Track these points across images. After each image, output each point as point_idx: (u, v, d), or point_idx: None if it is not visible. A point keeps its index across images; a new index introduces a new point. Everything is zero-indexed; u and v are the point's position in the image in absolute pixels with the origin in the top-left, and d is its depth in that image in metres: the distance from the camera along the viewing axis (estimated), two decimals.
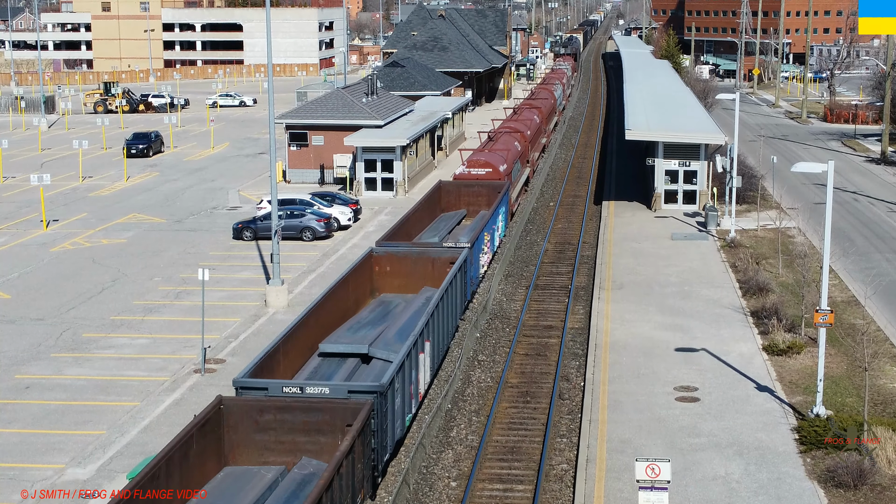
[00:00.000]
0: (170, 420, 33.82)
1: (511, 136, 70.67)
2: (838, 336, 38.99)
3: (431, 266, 42.60)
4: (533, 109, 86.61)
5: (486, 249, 48.56)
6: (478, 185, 57.73)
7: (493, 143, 66.93)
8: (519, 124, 75.81)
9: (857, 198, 69.32)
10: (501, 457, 31.98)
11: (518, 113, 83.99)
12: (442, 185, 58.40)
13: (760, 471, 29.44)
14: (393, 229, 47.91)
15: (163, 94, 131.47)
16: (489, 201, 55.99)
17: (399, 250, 43.57)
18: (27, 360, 39.94)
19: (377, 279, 43.11)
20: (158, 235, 60.34)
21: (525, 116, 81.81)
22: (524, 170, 69.87)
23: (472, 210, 57.13)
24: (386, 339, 35.71)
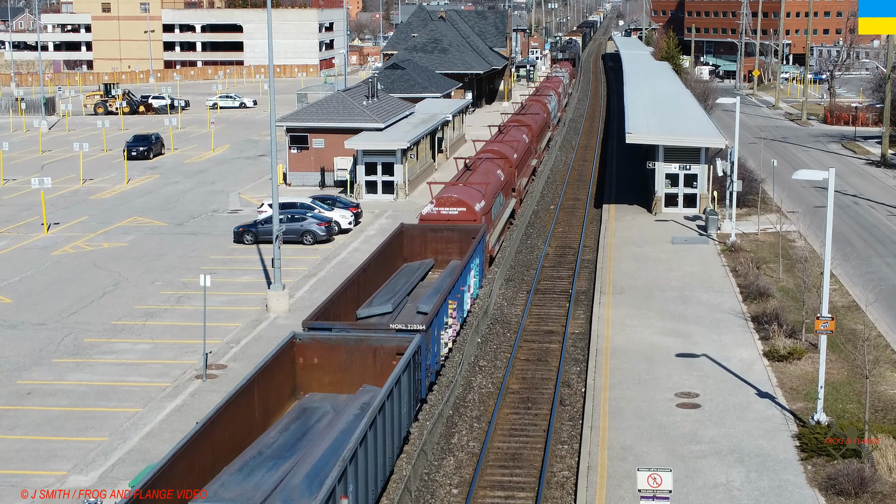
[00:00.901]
0: (171, 426, 33.87)
1: (493, 162, 60.36)
2: (839, 342, 39.03)
3: (373, 357, 32.82)
4: (522, 128, 75.36)
5: (450, 321, 39.04)
6: (447, 229, 48.68)
7: (471, 174, 56.54)
8: (504, 147, 65.47)
9: (857, 201, 69.38)
10: (503, 463, 32.03)
11: (504, 132, 72.53)
12: (405, 229, 48.78)
13: (761, 478, 29.49)
14: (336, 294, 37.58)
15: (163, 96, 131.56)
16: (462, 248, 47.54)
17: (330, 337, 33.14)
18: (29, 365, 39.99)
19: (302, 375, 33.02)
20: (159, 239, 60.39)
21: (512, 136, 70.49)
22: (508, 201, 60.77)
23: (441, 259, 48.31)
24: (288, 492, 26.05)
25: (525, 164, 70.22)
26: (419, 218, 50.67)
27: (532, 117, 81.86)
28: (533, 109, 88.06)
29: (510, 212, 60.85)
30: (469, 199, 50.91)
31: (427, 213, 50.62)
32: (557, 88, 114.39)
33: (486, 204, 51.79)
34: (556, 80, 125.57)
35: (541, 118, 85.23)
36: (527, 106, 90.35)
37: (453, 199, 50.66)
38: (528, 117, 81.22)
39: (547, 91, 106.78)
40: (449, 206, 50.52)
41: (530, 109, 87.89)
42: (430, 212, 50.53)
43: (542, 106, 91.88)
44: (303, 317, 44.52)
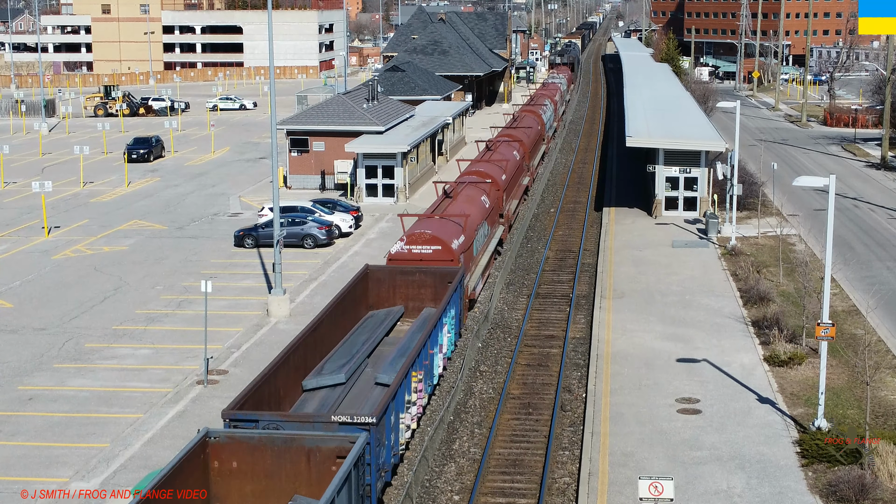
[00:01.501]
0: (173, 433, 33.91)
1: (477, 187, 53.75)
2: (839, 348, 39.09)
3: (307, 461, 26.19)
4: (512, 144, 68.32)
5: (415, 397, 32.87)
6: (420, 271, 42.25)
7: (450, 203, 49.94)
8: (491, 167, 58.91)
9: (857, 204, 69.44)
10: (504, 470, 32.07)
11: (492, 149, 65.31)
12: (370, 271, 42.34)
13: (762, 485, 29.53)
14: (276, 364, 31.43)
15: (163, 98, 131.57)
16: (436, 293, 41.48)
17: (253, 436, 26.48)
18: (30, 370, 40.03)
19: (217, 483, 26.30)
20: (160, 243, 60.43)
21: (501, 154, 63.54)
22: (494, 230, 54.81)
23: (412, 307, 42.00)
24: None
25: (515, 184, 63.91)
26: (387, 257, 43.91)
27: (524, 132, 74.24)
28: (526, 122, 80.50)
29: (497, 241, 54.55)
30: (445, 236, 44.23)
31: (396, 252, 43.79)
32: (554, 96, 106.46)
33: (465, 240, 45.53)
34: (553, 86, 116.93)
35: (534, 131, 77.88)
36: (519, 118, 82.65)
37: (427, 237, 43.84)
38: (520, 132, 73.73)
39: (542, 100, 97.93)
40: (422, 244, 43.82)
41: (523, 122, 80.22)
42: (400, 251, 43.79)
43: (536, 117, 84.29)
44: (304, 322, 44.71)
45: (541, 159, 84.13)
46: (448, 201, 50.19)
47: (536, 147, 79.43)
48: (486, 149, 66.19)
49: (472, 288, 45.77)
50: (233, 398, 30.02)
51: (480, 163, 60.78)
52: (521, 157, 67.60)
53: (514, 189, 63.00)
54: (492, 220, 53.71)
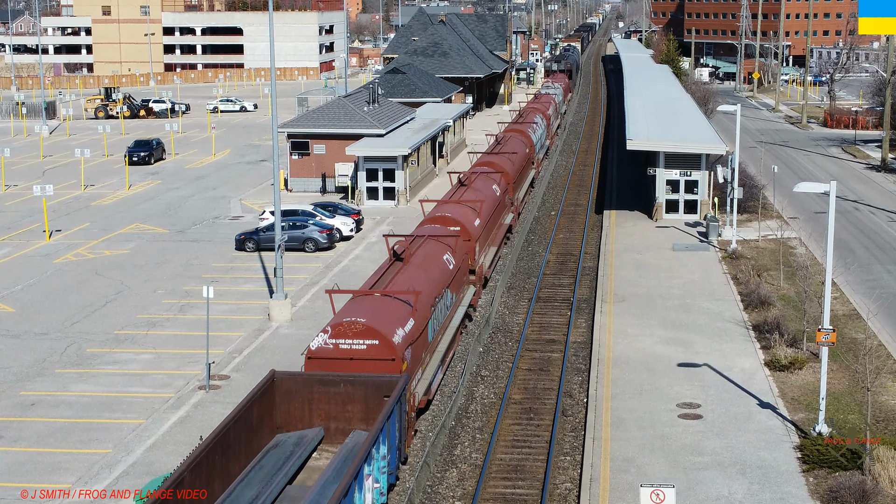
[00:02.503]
0: (175, 438, 33.98)
1: (439, 242, 42.17)
2: (840, 352, 39.16)
3: None
4: (492, 176, 57.43)
5: None
6: (346, 381, 31.08)
7: (401, 267, 37.93)
8: (461, 210, 47.92)
9: (857, 206, 69.50)
10: (506, 475, 32.13)
11: (467, 184, 54.10)
12: (278, 380, 31.23)
13: (763, 491, 29.60)
14: None
15: (163, 100, 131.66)
16: (368, 411, 30.92)
17: None
18: (32, 375, 40.11)
19: None
20: (161, 246, 60.50)
21: (477, 191, 52.93)
22: (462, 295, 43.18)
23: (336, 428, 31.25)
24: None
25: (494, 226, 53.36)
26: (306, 355, 32.17)
27: (507, 159, 63.36)
28: (510, 145, 68.82)
29: (466, 308, 43.61)
30: (385, 324, 32.50)
31: (318, 348, 31.98)
32: (546, 110, 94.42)
33: (415, 326, 34.04)
34: (546, 98, 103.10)
35: (520, 157, 66.85)
36: (503, 141, 70.41)
37: (359, 327, 31.95)
38: (503, 159, 62.83)
39: (531, 116, 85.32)
40: (352, 338, 31.90)
41: (507, 145, 68.60)
42: (323, 346, 31.98)
43: (524, 139, 73.54)
44: (305, 326, 44.90)
45: (529, 187, 73.47)
46: (398, 266, 38.40)
47: (523, 174, 68.40)
48: (459, 184, 54.57)
49: (425, 388, 34.82)
50: (235, 403, 29.87)
51: (448, 204, 49.37)
52: (502, 191, 57.23)
53: (491, 232, 52.16)
54: (458, 282, 42.52)
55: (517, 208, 63.57)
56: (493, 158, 62.86)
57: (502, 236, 55.87)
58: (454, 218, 46.41)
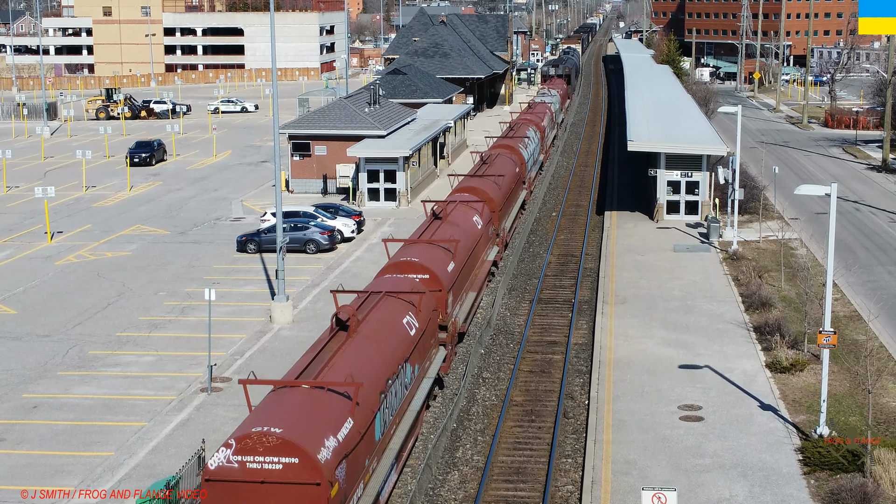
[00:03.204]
0: (177, 441, 34.03)
1: (400, 301, 34.20)
2: (841, 354, 39.19)
3: None
4: (474, 205, 49.58)
5: None
6: None
7: (344, 343, 29.43)
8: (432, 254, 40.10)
9: (858, 207, 69.53)
10: (507, 478, 32.17)
11: (443, 216, 45.44)
12: None
13: (765, 493, 29.64)
14: None
15: (164, 101, 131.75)
16: None
17: None
18: (34, 378, 40.16)
19: None
20: (162, 248, 60.55)
21: (454, 225, 44.90)
22: (426, 366, 34.90)
23: None
24: None
25: (473, 267, 45.59)
26: (202, 476, 24.58)
27: (493, 182, 55.83)
28: (498, 166, 60.35)
29: (433, 381, 35.24)
30: (308, 435, 24.36)
31: (219, 467, 24.17)
32: (541, 121, 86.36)
33: (353, 429, 26.00)
34: (541, 108, 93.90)
35: (508, 179, 59.47)
36: (489, 160, 61.52)
37: (273, 440, 23.90)
38: (488, 183, 55.28)
39: (524, 130, 76.65)
40: (264, 454, 23.97)
41: (494, 166, 60.27)
42: (226, 465, 24.14)
43: (514, 156, 66.14)
44: (307, 328, 44.95)
45: (520, 210, 65.39)
46: (340, 339, 29.93)
47: (512, 198, 60.55)
48: (433, 217, 46.03)
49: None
50: (237, 406, 30.00)
51: (416, 246, 41.06)
52: (485, 222, 49.73)
53: (469, 278, 44.54)
54: (423, 349, 34.29)
55: (503, 240, 55.58)
56: (475, 183, 55.01)
57: (484, 278, 47.10)
58: (422, 264, 38.72)
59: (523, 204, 66.99)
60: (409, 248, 40.90)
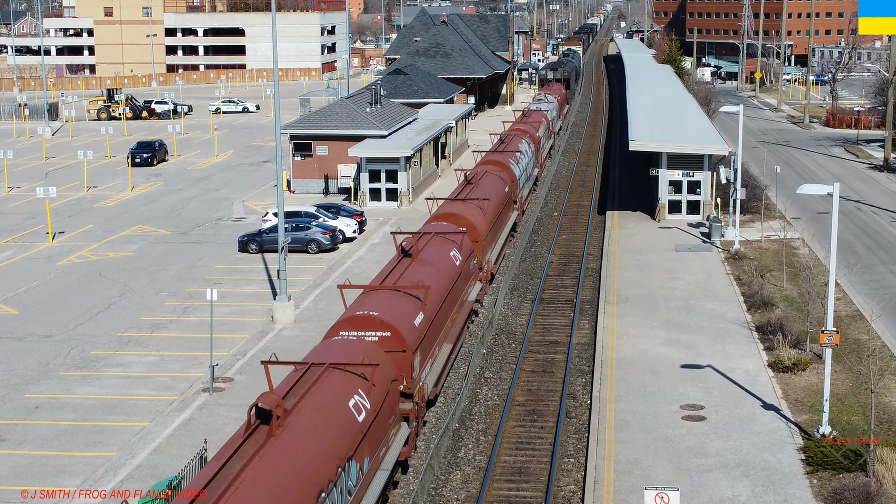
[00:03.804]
0: (179, 441, 34.01)
1: (345, 378, 27.25)
2: (843, 354, 39.15)
3: None
4: (452, 238, 42.25)
5: None
6: None
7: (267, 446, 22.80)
8: (393, 308, 33.14)
9: (860, 207, 69.49)
10: (509, 478, 32.14)
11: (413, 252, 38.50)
12: None
13: (767, 492, 29.61)
14: None
15: (166, 101, 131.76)
16: None
17: None
18: (36, 378, 40.14)
19: None
20: (164, 248, 60.54)
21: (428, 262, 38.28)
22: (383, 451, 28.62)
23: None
24: None
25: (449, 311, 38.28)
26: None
27: (477, 207, 49.13)
28: (485, 186, 53.78)
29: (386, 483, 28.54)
30: None
31: None
32: (535, 131, 79.10)
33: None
34: (536, 117, 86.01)
35: (496, 201, 52.98)
36: (476, 179, 55.18)
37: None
38: (471, 209, 48.28)
39: (516, 143, 69.27)
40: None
41: (481, 186, 53.69)
42: None
43: (504, 174, 59.38)
44: (308, 328, 44.93)
45: (511, 233, 58.93)
46: (261, 436, 23.64)
47: (500, 223, 53.91)
48: (402, 254, 38.69)
49: None
50: (239, 406, 29.98)
51: (374, 296, 34.11)
52: (465, 257, 42.02)
53: (443, 328, 37.52)
54: (375, 437, 27.64)
55: (488, 274, 48.40)
56: (457, 208, 48.14)
57: (463, 324, 38.77)
58: (381, 319, 31.71)
59: (514, 227, 60.39)
60: (362, 303, 33.50)
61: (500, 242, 53.75)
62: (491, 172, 58.13)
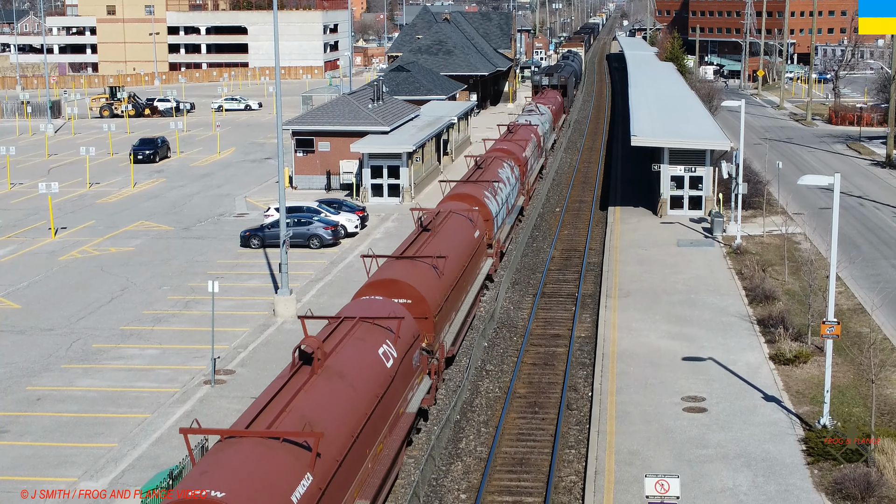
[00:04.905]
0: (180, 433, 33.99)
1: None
2: (844, 346, 39.16)
3: None
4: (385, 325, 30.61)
5: None
6: None
7: None
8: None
9: (862, 202, 69.47)
10: (510, 468, 32.17)
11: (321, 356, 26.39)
12: None
13: (768, 483, 29.61)
14: None
15: (168, 99, 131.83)
16: None
17: None
18: (38, 371, 40.20)
19: None
20: (166, 243, 60.59)
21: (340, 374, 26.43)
22: None
23: None
24: None
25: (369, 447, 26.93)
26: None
27: (429, 270, 36.76)
28: (443, 238, 40.71)
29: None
30: None
31: None
32: (522, 152, 65.88)
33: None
34: (525, 133, 73.13)
35: (457, 256, 40.24)
36: (434, 224, 42.17)
37: None
38: (419, 273, 36.39)
39: (496, 168, 56.51)
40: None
41: (438, 235, 40.76)
42: None
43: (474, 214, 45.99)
44: (309, 322, 44.83)
45: (479, 294, 45.21)
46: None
47: (463, 283, 40.77)
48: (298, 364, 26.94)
49: None
50: (240, 398, 30.05)
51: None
52: (402, 351, 30.71)
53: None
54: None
55: (441, 365, 36.28)
56: (399, 273, 35.92)
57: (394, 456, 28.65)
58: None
59: (489, 278, 46.99)
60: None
61: (460, 315, 40.12)
62: (457, 214, 44.76)
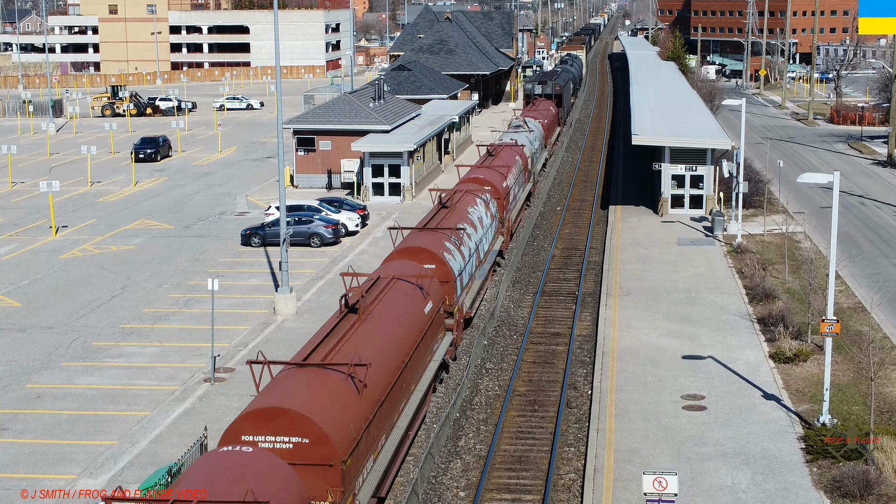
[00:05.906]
0: (180, 430, 34.07)
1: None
2: (844, 344, 39.15)
3: None
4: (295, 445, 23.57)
5: None
6: None
7: None
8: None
9: (863, 201, 69.44)
10: (510, 466, 32.18)
11: None
12: None
13: (767, 480, 29.62)
14: None
15: (170, 98, 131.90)
16: None
17: None
18: (38, 368, 40.23)
19: None
20: (167, 242, 60.63)
21: None
22: None
23: None
24: None
25: None
26: None
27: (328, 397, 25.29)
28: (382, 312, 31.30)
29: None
30: None
31: None
32: (502, 182, 54.60)
33: None
34: (508, 155, 61.67)
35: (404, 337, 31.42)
36: (374, 290, 33.13)
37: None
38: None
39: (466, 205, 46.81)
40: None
41: (377, 311, 31.25)
42: None
43: (425, 281, 35.34)
44: (310, 320, 45.01)
45: (434, 382, 35.56)
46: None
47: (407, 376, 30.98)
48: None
49: None
50: (240, 395, 30.14)
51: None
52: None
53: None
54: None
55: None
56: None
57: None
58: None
59: (444, 368, 37.82)
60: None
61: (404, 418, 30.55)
62: (402, 284, 34.45)
